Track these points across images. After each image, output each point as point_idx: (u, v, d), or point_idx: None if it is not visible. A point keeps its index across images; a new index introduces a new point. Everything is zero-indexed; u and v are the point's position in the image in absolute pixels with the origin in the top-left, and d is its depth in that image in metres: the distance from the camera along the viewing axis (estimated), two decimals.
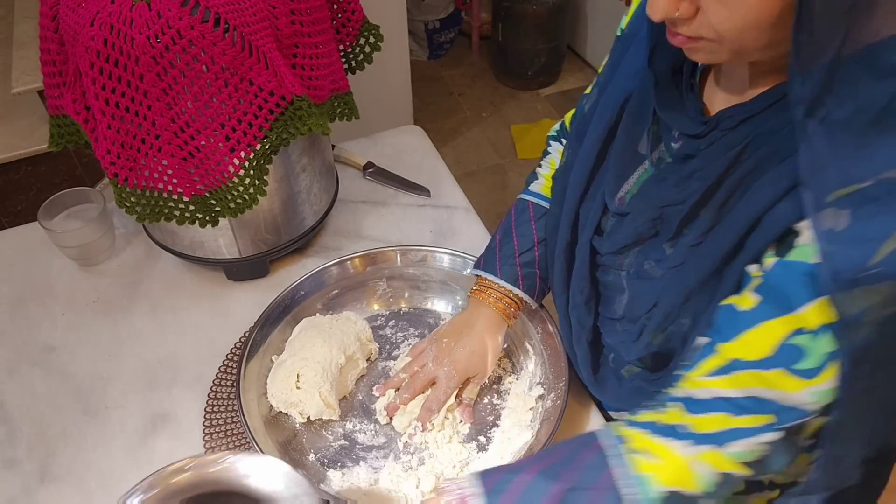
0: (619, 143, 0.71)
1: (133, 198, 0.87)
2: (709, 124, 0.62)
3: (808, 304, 0.54)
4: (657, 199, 0.67)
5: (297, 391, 0.85)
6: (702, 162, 0.62)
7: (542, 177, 0.93)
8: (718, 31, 0.53)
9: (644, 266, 0.70)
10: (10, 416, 0.92)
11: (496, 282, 0.87)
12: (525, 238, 0.89)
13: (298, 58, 0.89)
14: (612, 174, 0.72)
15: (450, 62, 3.23)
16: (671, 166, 0.66)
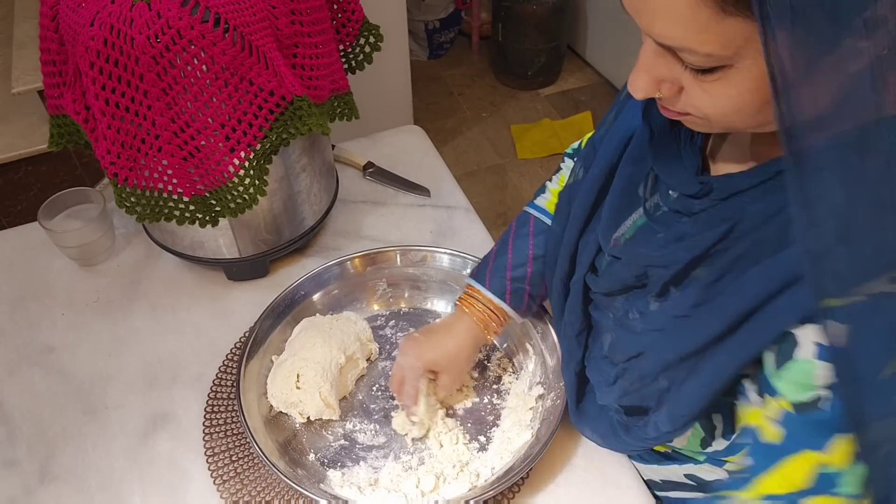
0: (617, 183, 0.69)
1: (133, 198, 0.87)
2: (703, 187, 0.60)
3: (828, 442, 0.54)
4: (643, 256, 0.65)
5: (297, 391, 0.85)
6: (692, 228, 0.60)
7: (549, 192, 0.91)
8: (704, 112, 0.51)
9: (628, 315, 0.68)
10: (10, 416, 0.92)
11: (482, 292, 0.86)
12: (520, 252, 0.87)
13: (298, 58, 0.89)
14: (608, 215, 0.70)
15: (450, 62, 3.22)
16: (664, 218, 0.64)
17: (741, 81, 0.47)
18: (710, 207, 0.59)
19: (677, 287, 0.62)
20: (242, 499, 0.82)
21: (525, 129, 2.83)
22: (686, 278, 0.61)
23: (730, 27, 0.43)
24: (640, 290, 0.67)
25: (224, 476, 0.84)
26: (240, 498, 0.82)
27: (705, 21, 0.43)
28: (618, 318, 0.71)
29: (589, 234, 0.74)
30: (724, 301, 0.57)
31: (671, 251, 0.61)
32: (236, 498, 0.82)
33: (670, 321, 0.62)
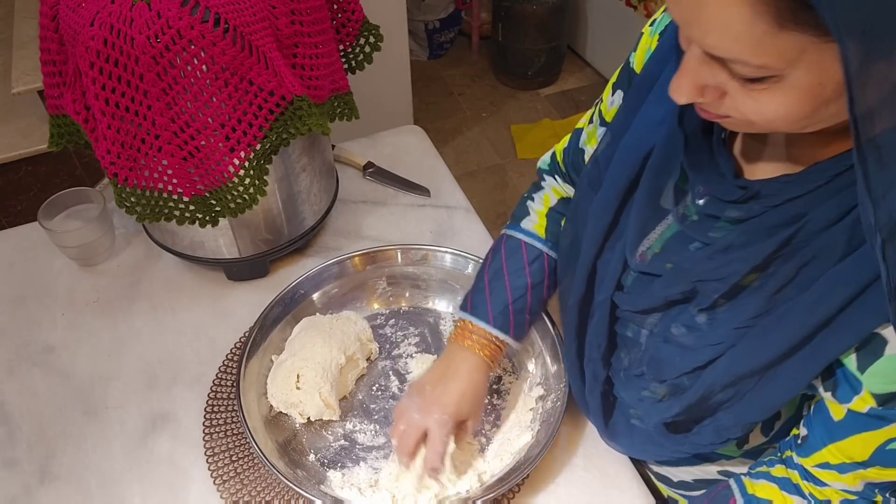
0: (640, 197, 0.67)
1: (133, 198, 0.87)
2: (747, 191, 0.58)
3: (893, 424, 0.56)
4: (692, 271, 0.62)
5: (297, 391, 0.85)
6: (741, 237, 0.59)
7: (534, 213, 0.88)
8: (748, 118, 0.50)
9: (671, 330, 0.67)
10: (10, 416, 0.92)
11: (486, 329, 0.83)
12: (517, 283, 0.84)
13: (298, 58, 0.89)
14: (633, 230, 0.68)
15: (450, 62, 3.23)
16: (697, 226, 0.63)
17: (790, 91, 0.46)
18: (761, 214, 0.57)
19: (729, 299, 0.61)
20: (242, 499, 0.82)
21: (525, 129, 2.84)
22: (745, 289, 0.60)
23: (785, 40, 0.43)
24: (684, 305, 0.65)
25: (224, 476, 0.84)
26: (240, 498, 0.82)
27: (760, 35, 0.43)
28: (656, 334, 0.69)
29: (608, 252, 0.72)
30: (795, 310, 0.56)
31: (724, 263, 0.59)
32: (236, 498, 0.82)
33: (731, 333, 0.61)
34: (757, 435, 0.71)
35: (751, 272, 0.58)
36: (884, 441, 0.57)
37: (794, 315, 0.56)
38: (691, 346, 0.65)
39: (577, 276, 0.76)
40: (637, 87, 0.69)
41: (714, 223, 0.61)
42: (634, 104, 0.69)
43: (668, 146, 0.64)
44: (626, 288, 0.71)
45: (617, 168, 0.69)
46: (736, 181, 0.60)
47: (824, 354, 0.56)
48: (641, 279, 0.69)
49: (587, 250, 0.74)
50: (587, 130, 0.81)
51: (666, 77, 0.64)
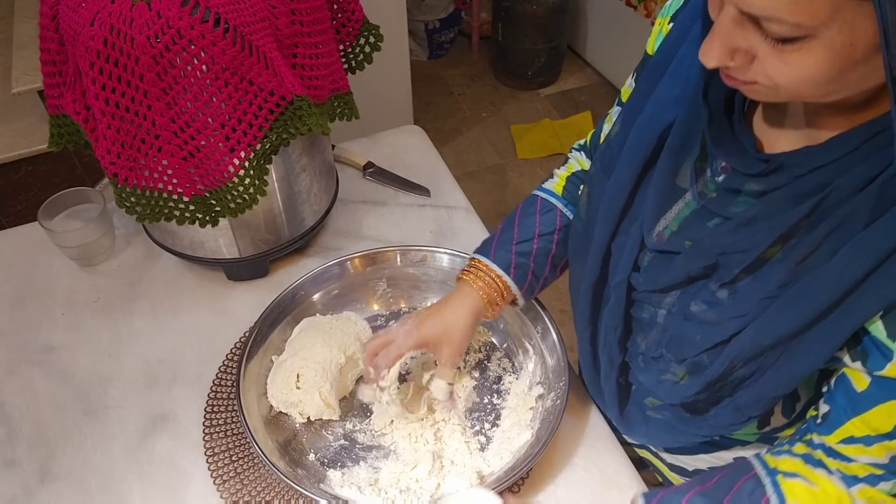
0: (658, 176, 0.68)
1: (133, 198, 0.87)
2: (770, 163, 0.59)
3: None
4: (715, 245, 0.63)
5: (297, 391, 0.85)
6: (766, 208, 0.59)
7: (557, 176, 0.91)
8: (775, 81, 0.51)
9: (691, 307, 0.67)
10: (10, 416, 0.92)
11: (487, 264, 0.85)
12: (526, 229, 0.86)
13: (298, 58, 0.89)
14: (651, 209, 0.68)
15: (450, 62, 3.23)
16: (718, 199, 0.63)
17: (821, 51, 0.47)
18: (783, 186, 0.58)
19: (750, 272, 0.61)
20: (242, 499, 0.82)
21: (525, 129, 2.83)
22: (770, 260, 0.60)
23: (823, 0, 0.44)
24: (704, 280, 0.65)
25: (224, 476, 0.84)
26: (240, 498, 0.82)
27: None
28: (675, 313, 0.69)
29: (623, 234, 0.73)
30: (821, 278, 0.56)
31: (748, 235, 0.60)
32: (236, 498, 0.82)
33: (755, 305, 0.61)
34: (777, 417, 0.71)
35: (775, 243, 0.58)
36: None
37: (820, 283, 0.56)
38: (713, 322, 0.65)
39: (590, 260, 0.76)
40: (649, 71, 0.70)
41: (734, 198, 0.62)
42: (648, 87, 0.69)
43: (687, 123, 0.64)
44: (643, 268, 0.72)
45: (631, 149, 0.70)
46: (758, 154, 0.60)
47: (850, 322, 0.56)
48: (659, 258, 0.69)
49: (601, 233, 0.74)
50: (608, 118, 0.82)
51: (681, 56, 0.65)
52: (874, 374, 0.57)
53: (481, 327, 0.98)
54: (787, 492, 0.64)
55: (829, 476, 0.64)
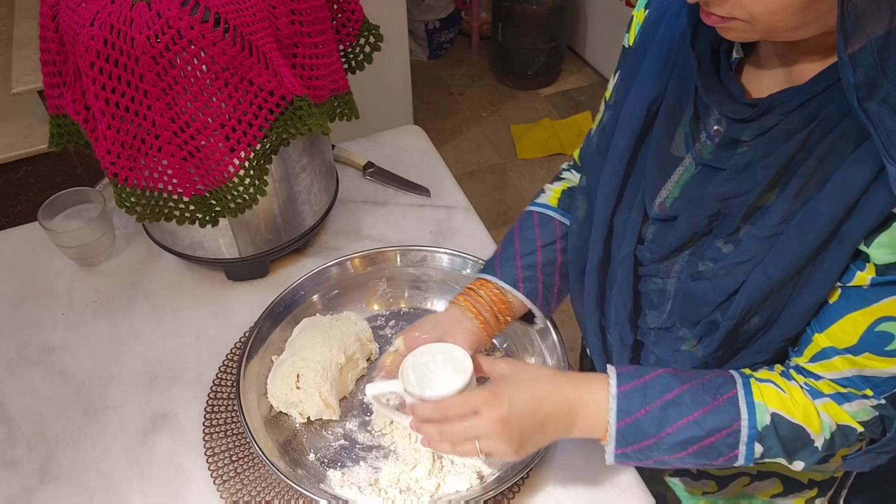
0: (655, 146, 0.69)
1: (133, 198, 0.87)
2: (758, 108, 0.61)
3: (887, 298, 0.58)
4: (713, 193, 0.64)
5: (297, 391, 0.85)
6: (760, 150, 0.61)
7: (550, 190, 0.91)
8: (750, 12, 0.53)
9: (699, 268, 0.68)
10: (10, 416, 0.92)
11: (493, 281, 0.83)
12: (527, 243, 0.86)
13: (298, 58, 0.89)
14: (651, 179, 0.70)
15: (450, 62, 3.23)
16: (716, 156, 0.65)
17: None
18: (775, 126, 0.60)
19: (751, 222, 0.63)
20: (242, 499, 0.82)
21: (525, 129, 2.84)
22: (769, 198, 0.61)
23: None
24: (706, 239, 0.67)
25: (224, 476, 0.84)
26: (240, 498, 0.82)
27: None
28: (683, 279, 0.70)
29: (624, 210, 0.73)
30: (818, 205, 0.58)
31: (745, 178, 0.62)
32: (236, 498, 0.82)
33: (761, 245, 0.62)
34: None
35: (771, 184, 0.60)
36: (874, 321, 0.59)
37: (818, 210, 0.58)
38: (722, 275, 0.65)
39: (593, 239, 0.76)
40: (631, 57, 0.73)
41: (732, 151, 0.64)
42: (632, 70, 0.72)
43: (679, 84, 0.67)
44: (648, 240, 0.72)
45: (623, 126, 0.72)
46: (746, 100, 0.63)
47: (850, 241, 0.58)
48: (663, 227, 0.70)
49: (602, 212, 0.75)
50: (595, 122, 0.82)
51: (662, 34, 0.68)
52: (846, 285, 0.60)
53: None
54: (755, 391, 0.66)
55: (795, 386, 0.66)
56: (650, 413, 0.66)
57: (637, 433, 0.66)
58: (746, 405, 0.65)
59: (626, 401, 0.67)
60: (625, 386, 0.68)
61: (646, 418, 0.66)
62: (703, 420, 0.65)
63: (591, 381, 0.70)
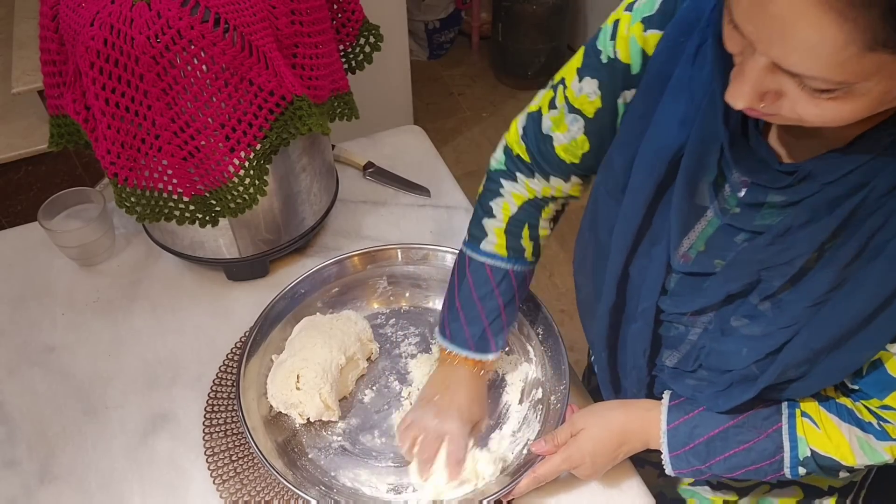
0: (677, 197, 0.66)
1: (133, 198, 0.87)
2: (797, 174, 0.58)
3: None
4: (754, 260, 0.63)
5: (297, 392, 0.85)
6: (800, 217, 0.58)
7: (492, 233, 0.84)
8: (803, 118, 0.50)
9: (731, 323, 0.67)
10: (10, 416, 0.92)
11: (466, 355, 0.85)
12: (490, 307, 0.84)
13: (298, 58, 0.89)
14: (674, 231, 0.67)
15: (450, 62, 3.22)
16: (743, 214, 0.63)
17: (858, 99, 0.47)
18: (815, 193, 0.57)
19: (793, 283, 0.61)
20: (242, 499, 0.82)
21: None
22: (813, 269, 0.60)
23: (870, 60, 0.43)
24: (743, 297, 0.66)
25: (224, 476, 0.84)
26: (239, 498, 0.82)
27: (847, 57, 0.43)
28: (712, 330, 0.70)
29: (642, 258, 0.71)
30: (870, 276, 0.57)
31: (788, 246, 0.60)
32: (236, 498, 0.82)
33: (804, 312, 0.61)
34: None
35: (817, 250, 0.59)
36: None
37: (870, 281, 0.57)
38: (760, 335, 0.65)
39: (606, 285, 0.75)
40: (645, 90, 0.66)
41: (758, 211, 0.62)
42: (645, 107, 0.66)
43: (701, 143, 0.63)
44: (671, 291, 0.71)
45: (642, 174, 0.67)
46: (781, 166, 0.59)
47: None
48: (687, 280, 0.69)
49: (616, 258, 0.73)
50: (551, 117, 0.76)
51: (679, 76, 0.62)
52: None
53: None
54: (799, 426, 0.69)
55: (840, 423, 0.68)
56: (696, 448, 0.73)
57: (687, 462, 0.74)
58: (789, 439, 0.69)
59: (673, 438, 0.75)
60: (674, 422, 0.75)
61: (692, 452, 0.73)
62: (749, 452, 0.71)
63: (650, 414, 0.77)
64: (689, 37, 0.61)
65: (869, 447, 0.67)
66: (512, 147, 0.84)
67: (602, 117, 0.72)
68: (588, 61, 0.71)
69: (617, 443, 0.77)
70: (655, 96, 0.65)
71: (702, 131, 0.62)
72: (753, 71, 0.49)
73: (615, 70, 0.69)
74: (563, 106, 0.74)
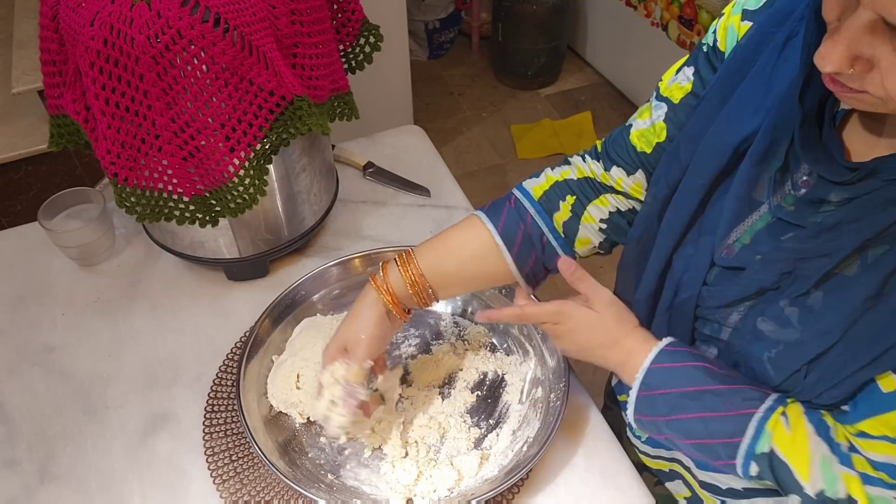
0: (737, 186, 0.64)
1: (133, 198, 0.87)
2: (859, 171, 0.56)
3: None
4: (792, 250, 0.61)
5: (298, 391, 0.86)
6: (851, 213, 0.57)
7: (544, 176, 0.83)
8: (889, 90, 0.48)
9: (758, 324, 0.65)
10: (10, 416, 0.92)
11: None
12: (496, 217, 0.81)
13: (298, 58, 0.89)
14: (725, 220, 0.65)
15: (450, 62, 3.23)
16: (798, 211, 0.61)
17: None
18: (875, 191, 0.55)
19: (822, 288, 0.59)
20: (242, 499, 0.82)
21: (525, 129, 2.84)
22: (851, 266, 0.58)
23: None
24: (771, 295, 0.64)
25: (224, 476, 0.84)
26: (239, 498, 0.82)
27: None
28: (740, 331, 0.68)
29: (689, 246, 0.70)
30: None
31: (830, 238, 0.58)
32: (236, 498, 0.82)
33: (842, 320, 0.58)
34: None
35: (855, 251, 0.56)
36: None
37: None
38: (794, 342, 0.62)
39: (648, 270, 0.74)
40: (725, 76, 0.65)
41: (816, 210, 0.60)
42: (721, 95, 0.65)
43: (774, 129, 0.61)
44: (710, 283, 0.69)
45: (704, 158, 0.66)
46: (847, 163, 0.58)
47: None
48: (726, 274, 0.67)
49: (663, 245, 0.71)
50: (638, 111, 0.78)
51: (762, 66, 0.62)
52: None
53: (481, 328, 0.98)
54: (772, 420, 0.64)
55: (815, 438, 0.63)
56: (666, 396, 0.69)
57: (651, 407, 0.70)
58: (756, 427, 0.64)
59: (651, 377, 0.70)
60: (658, 364, 0.70)
61: (661, 398, 0.69)
62: (709, 422, 0.66)
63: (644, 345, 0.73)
64: (781, 27, 0.60)
65: (829, 470, 0.62)
66: (598, 144, 0.83)
67: (688, 101, 0.72)
68: (693, 54, 0.72)
69: (602, 342, 0.74)
70: (735, 81, 0.64)
71: (776, 118, 0.61)
72: (853, 29, 0.47)
73: (712, 58, 0.69)
74: (652, 99, 0.75)
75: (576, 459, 0.85)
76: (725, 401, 0.66)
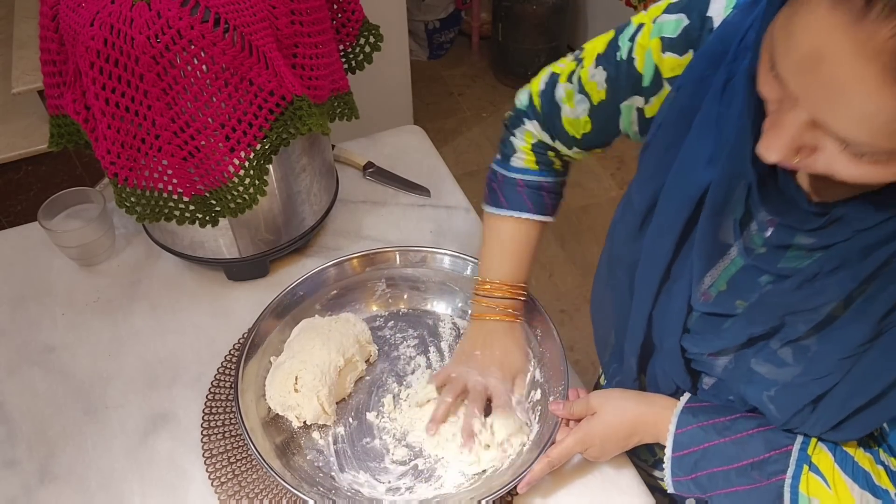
0: (701, 235, 0.64)
1: (133, 198, 0.87)
2: (828, 217, 0.54)
3: None
4: (779, 304, 0.60)
5: (295, 395, 0.85)
6: (830, 263, 0.56)
7: (520, 150, 0.85)
8: (839, 176, 0.47)
9: (751, 366, 0.65)
10: (10, 416, 0.92)
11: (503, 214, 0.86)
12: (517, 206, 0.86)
13: (298, 58, 0.89)
14: (697, 267, 0.65)
15: (450, 62, 3.23)
16: (769, 254, 0.60)
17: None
18: (850, 238, 0.54)
19: (819, 329, 0.59)
20: (240, 501, 0.82)
21: None
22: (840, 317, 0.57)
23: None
24: (763, 341, 0.63)
25: (222, 478, 0.84)
26: (238, 500, 0.82)
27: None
28: (732, 370, 0.68)
29: (664, 295, 0.70)
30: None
31: (815, 292, 0.57)
32: (234, 500, 0.82)
33: (839, 364, 0.58)
34: None
35: (845, 298, 0.56)
36: None
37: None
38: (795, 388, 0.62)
39: (632, 324, 0.75)
40: (669, 124, 0.64)
41: (784, 252, 0.59)
42: (670, 142, 0.64)
43: (728, 181, 0.60)
44: (692, 329, 0.70)
45: (669, 215, 0.66)
46: (810, 206, 0.56)
47: None
48: (708, 320, 0.67)
49: (642, 297, 0.72)
50: (565, 88, 0.77)
51: (707, 112, 0.60)
52: None
53: None
54: (803, 482, 0.64)
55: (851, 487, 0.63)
56: (698, 479, 0.71)
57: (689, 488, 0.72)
58: (790, 494, 0.65)
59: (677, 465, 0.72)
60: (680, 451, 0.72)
61: (695, 481, 0.71)
62: (747, 495, 0.68)
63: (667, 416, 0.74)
64: (716, 70, 0.59)
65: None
66: (533, 96, 0.83)
67: (605, 109, 0.72)
68: (607, 52, 0.71)
69: (628, 433, 0.76)
70: (681, 132, 0.63)
71: (729, 168, 0.59)
72: (792, 126, 0.46)
73: (626, 73, 0.68)
74: (576, 83, 0.75)
75: (576, 459, 0.85)
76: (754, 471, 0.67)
